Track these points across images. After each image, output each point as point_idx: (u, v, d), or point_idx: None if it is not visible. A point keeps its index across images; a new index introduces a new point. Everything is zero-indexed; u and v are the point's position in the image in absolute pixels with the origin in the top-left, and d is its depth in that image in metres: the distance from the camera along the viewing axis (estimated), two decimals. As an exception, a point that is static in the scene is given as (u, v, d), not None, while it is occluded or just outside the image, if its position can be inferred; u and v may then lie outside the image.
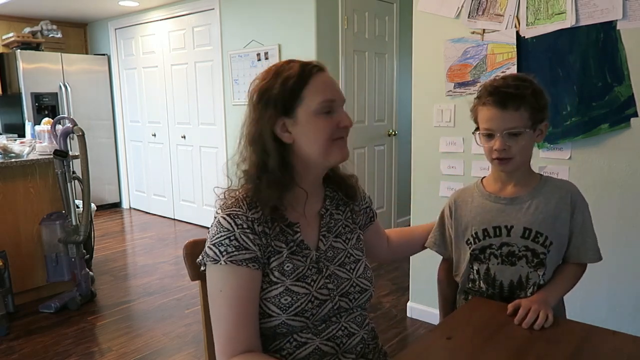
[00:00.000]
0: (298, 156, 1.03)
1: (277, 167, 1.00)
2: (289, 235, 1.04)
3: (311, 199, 1.08)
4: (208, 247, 0.99)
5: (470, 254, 1.28)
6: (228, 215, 0.99)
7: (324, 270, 1.05)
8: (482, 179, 1.34)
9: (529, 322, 1.07)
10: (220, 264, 0.96)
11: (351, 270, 1.10)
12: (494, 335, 1.06)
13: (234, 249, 0.96)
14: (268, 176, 1.00)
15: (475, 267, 1.29)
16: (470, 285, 1.31)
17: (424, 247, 1.43)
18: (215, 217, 1.01)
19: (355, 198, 1.19)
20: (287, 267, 1.01)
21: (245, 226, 0.98)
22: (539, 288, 1.22)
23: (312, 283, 1.02)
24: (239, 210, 0.99)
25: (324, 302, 1.03)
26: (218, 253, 0.97)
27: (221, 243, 0.97)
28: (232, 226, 0.98)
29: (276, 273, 1.00)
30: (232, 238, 0.97)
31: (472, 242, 1.28)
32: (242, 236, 0.97)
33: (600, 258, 1.25)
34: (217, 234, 0.98)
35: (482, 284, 1.27)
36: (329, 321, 1.05)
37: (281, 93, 0.99)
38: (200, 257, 1.01)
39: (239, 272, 0.97)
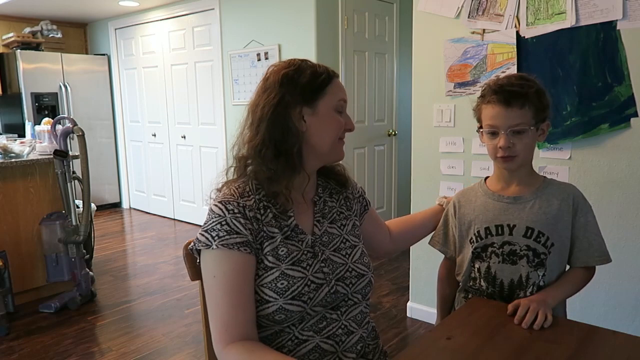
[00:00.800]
0: (306, 144, 1.06)
1: (294, 148, 1.03)
2: (283, 220, 1.05)
3: (308, 185, 1.11)
4: (200, 233, 1.01)
5: (472, 252, 1.29)
6: (220, 202, 1.02)
7: (319, 254, 1.07)
8: (485, 179, 1.35)
9: (528, 322, 1.08)
10: (212, 248, 0.98)
11: (347, 256, 1.11)
12: (494, 335, 1.06)
13: (225, 233, 0.98)
14: (285, 157, 1.02)
15: (476, 266, 1.29)
16: (471, 283, 1.31)
17: (425, 234, 1.43)
18: (208, 207, 1.04)
19: (346, 185, 1.22)
20: (282, 251, 1.02)
21: (236, 211, 1.00)
22: (539, 289, 1.22)
23: (307, 267, 1.03)
24: (231, 198, 1.02)
25: (320, 286, 1.03)
26: (210, 238, 0.98)
27: (213, 228, 0.99)
28: (223, 212, 1.00)
29: (270, 258, 1.01)
30: (223, 223, 0.99)
31: (475, 241, 1.28)
32: (233, 220, 0.99)
33: (609, 260, 1.24)
34: (209, 220, 1.01)
35: (482, 282, 1.28)
36: (330, 318, 1.05)
37: (309, 83, 1.04)
38: (192, 244, 1.03)
39: (231, 256, 0.98)
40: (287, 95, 1.02)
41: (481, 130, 1.25)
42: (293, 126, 1.03)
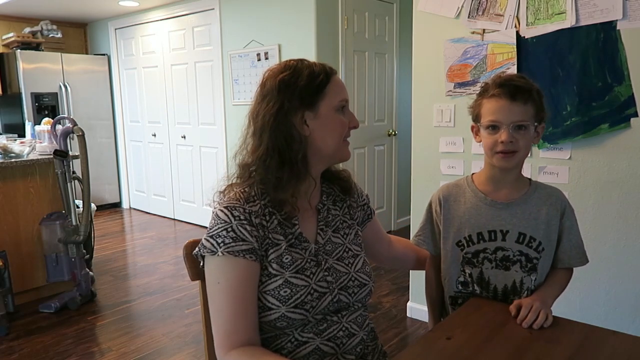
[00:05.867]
0: (311, 148, 1.04)
1: (298, 155, 1.01)
2: (287, 228, 1.04)
3: (313, 191, 1.10)
4: (205, 239, 1.00)
5: (463, 256, 1.27)
6: (225, 207, 1.00)
7: (323, 263, 1.06)
8: (471, 176, 1.31)
9: (529, 321, 1.08)
10: (218, 255, 0.97)
11: (350, 265, 1.10)
12: (493, 335, 1.06)
13: (231, 240, 0.97)
14: (290, 164, 1.01)
15: (467, 271, 1.27)
16: (461, 288, 1.29)
17: (420, 269, 1.42)
18: (213, 211, 1.02)
19: (350, 192, 1.20)
20: (286, 259, 1.01)
21: (242, 218, 0.99)
22: (532, 293, 1.22)
23: (311, 275, 1.03)
24: (237, 203, 1.01)
25: (323, 295, 1.03)
26: (215, 244, 0.97)
27: (218, 235, 0.98)
28: (229, 218, 0.99)
29: (274, 265, 1.00)
30: (229, 229, 0.98)
31: (465, 245, 1.26)
32: (240, 227, 0.98)
33: (587, 261, 1.26)
34: (215, 226, 0.99)
35: (475, 287, 1.26)
36: (330, 321, 1.05)
37: (308, 86, 1.01)
38: (197, 249, 1.01)
39: (237, 264, 0.97)
40: (287, 102, 1.00)
41: (478, 125, 1.23)
42: (296, 132, 1.01)
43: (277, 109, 1.00)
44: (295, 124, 1.01)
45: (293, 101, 1.00)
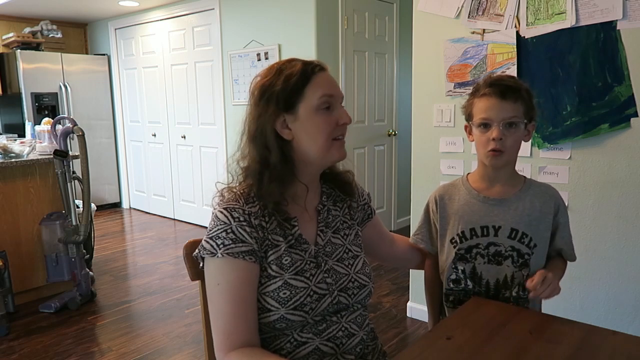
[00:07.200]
0: (298, 152, 1.04)
1: (279, 162, 1.02)
2: (287, 229, 1.04)
3: (309, 195, 1.10)
4: (205, 240, 1.00)
5: (456, 253, 1.29)
6: (225, 209, 1.00)
7: (323, 264, 1.06)
8: (466, 175, 1.34)
9: (545, 293, 1.12)
10: (217, 256, 0.97)
11: (349, 266, 1.10)
12: (493, 335, 1.06)
13: (230, 242, 0.97)
14: (270, 171, 1.01)
15: (460, 267, 1.29)
16: (453, 285, 1.30)
17: (422, 268, 1.43)
18: (212, 213, 1.02)
19: (351, 194, 1.20)
20: (285, 260, 1.01)
21: (242, 219, 0.99)
22: (524, 288, 1.24)
23: (310, 277, 1.03)
24: (236, 204, 1.01)
25: (322, 297, 1.03)
26: (215, 246, 0.98)
27: (218, 236, 0.98)
28: (228, 219, 0.99)
29: (274, 267, 1.00)
30: (228, 231, 0.98)
31: (458, 242, 1.28)
32: (239, 229, 0.98)
33: (575, 258, 1.31)
34: (215, 227, 0.99)
35: (468, 282, 1.28)
36: (330, 321, 1.05)
37: (283, 89, 1.00)
38: (196, 250, 1.02)
39: (236, 265, 0.97)
40: (268, 108, 1.01)
41: (470, 124, 1.26)
42: (278, 138, 1.02)
43: (257, 115, 1.02)
44: (277, 129, 1.02)
45: (272, 106, 1.01)
